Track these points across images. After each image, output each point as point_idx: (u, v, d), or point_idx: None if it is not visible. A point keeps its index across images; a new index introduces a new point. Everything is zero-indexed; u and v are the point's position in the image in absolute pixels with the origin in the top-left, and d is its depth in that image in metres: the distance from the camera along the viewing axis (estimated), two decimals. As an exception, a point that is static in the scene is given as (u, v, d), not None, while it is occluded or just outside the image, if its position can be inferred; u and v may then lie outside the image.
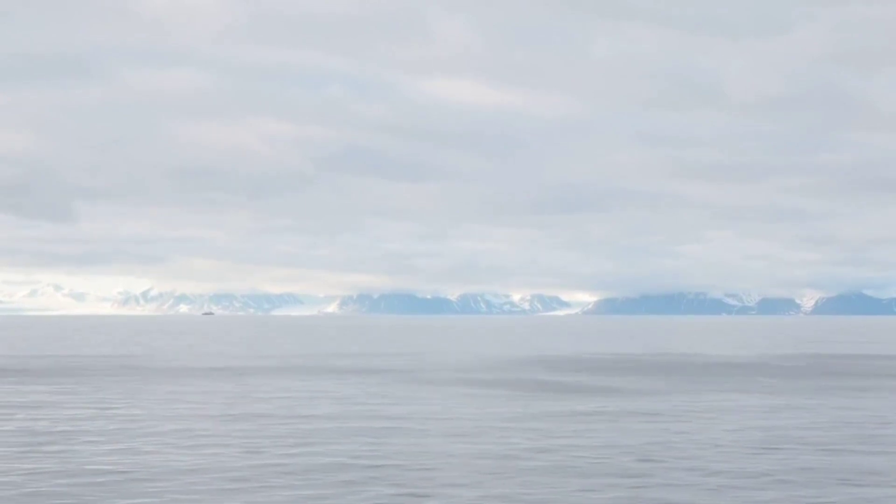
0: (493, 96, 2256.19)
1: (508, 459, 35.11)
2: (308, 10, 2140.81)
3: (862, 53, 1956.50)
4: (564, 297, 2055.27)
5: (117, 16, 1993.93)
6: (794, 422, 47.34)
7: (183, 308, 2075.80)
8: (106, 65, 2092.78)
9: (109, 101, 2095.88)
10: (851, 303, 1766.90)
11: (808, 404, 56.32)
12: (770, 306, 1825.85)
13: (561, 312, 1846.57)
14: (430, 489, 29.75)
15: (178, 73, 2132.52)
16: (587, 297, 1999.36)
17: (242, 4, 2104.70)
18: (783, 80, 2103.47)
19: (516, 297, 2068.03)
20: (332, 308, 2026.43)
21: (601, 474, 32.27)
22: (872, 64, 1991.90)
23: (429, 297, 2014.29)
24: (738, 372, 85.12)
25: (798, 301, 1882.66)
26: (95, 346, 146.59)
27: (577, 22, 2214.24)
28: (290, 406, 53.57)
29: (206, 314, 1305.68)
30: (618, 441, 40.13)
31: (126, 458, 34.98)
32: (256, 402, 55.51)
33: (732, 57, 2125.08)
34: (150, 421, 46.61)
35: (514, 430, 43.26)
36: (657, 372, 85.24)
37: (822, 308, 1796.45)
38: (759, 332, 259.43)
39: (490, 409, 52.78)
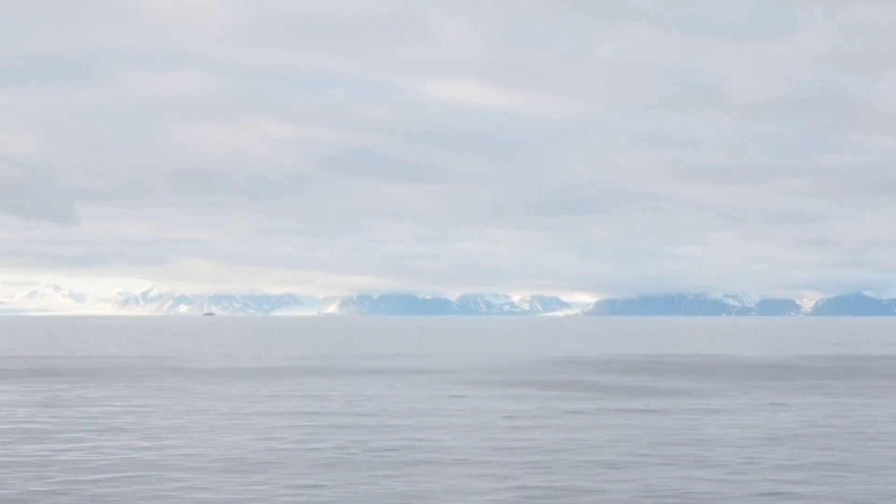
0: (494, 98, 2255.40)
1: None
2: (310, 12, 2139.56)
3: (865, 56, 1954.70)
4: (564, 298, 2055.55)
5: (119, 17, 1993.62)
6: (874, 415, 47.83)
7: (183, 309, 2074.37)
8: (107, 66, 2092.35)
9: (111, 102, 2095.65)
10: (851, 304, 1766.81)
11: (878, 403, 57.17)
12: (770, 307, 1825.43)
13: (560, 313, 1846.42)
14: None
15: (180, 75, 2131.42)
16: (587, 298, 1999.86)
17: (244, 6, 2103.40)
18: (786, 82, 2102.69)
19: (516, 298, 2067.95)
20: (331, 309, 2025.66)
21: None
22: (875, 66, 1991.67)
23: (429, 297, 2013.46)
24: (783, 373, 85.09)
25: (798, 302, 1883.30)
26: (119, 347, 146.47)
27: (579, 23, 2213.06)
28: (383, 404, 53.40)
29: (206, 315, 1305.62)
30: (751, 432, 42.88)
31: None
32: (344, 402, 55.39)
33: (735, 59, 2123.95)
34: (287, 416, 47.04)
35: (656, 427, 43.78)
36: (704, 373, 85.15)
37: (821, 309, 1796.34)
38: (770, 333, 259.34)
39: (599, 407, 52.86)
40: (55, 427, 44.21)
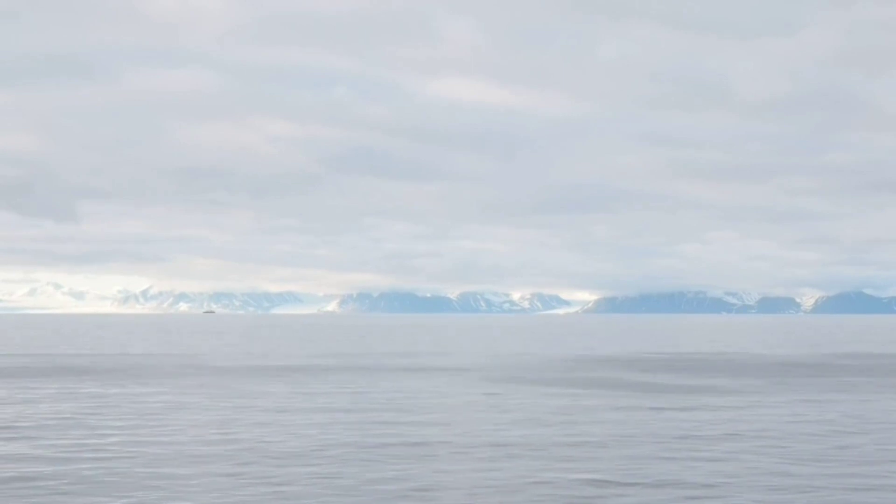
0: (498, 96, 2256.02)
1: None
2: (312, 10, 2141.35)
3: (868, 55, 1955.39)
4: (564, 295, 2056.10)
5: (122, 16, 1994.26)
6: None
7: (183, 307, 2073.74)
8: (110, 65, 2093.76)
9: (114, 100, 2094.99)
10: (851, 302, 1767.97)
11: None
12: (770, 305, 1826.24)
13: (560, 311, 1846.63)
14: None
15: (183, 73, 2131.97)
16: (587, 296, 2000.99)
17: (246, 5, 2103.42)
18: (789, 81, 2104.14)
19: (516, 296, 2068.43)
20: (331, 307, 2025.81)
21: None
22: (879, 65, 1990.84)
23: (429, 295, 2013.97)
24: (817, 371, 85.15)
25: (798, 300, 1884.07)
26: (137, 345, 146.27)
27: (581, 22, 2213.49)
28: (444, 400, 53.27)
29: (207, 313, 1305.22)
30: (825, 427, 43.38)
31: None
32: (397, 398, 55.24)
33: (739, 58, 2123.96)
34: (355, 412, 47.15)
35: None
36: (737, 371, 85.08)
37: (821, 307, 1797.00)
38: (779, 331, 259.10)
39: (660, 407, 52.79)
40: (164, 431, 43.99)
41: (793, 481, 31.07)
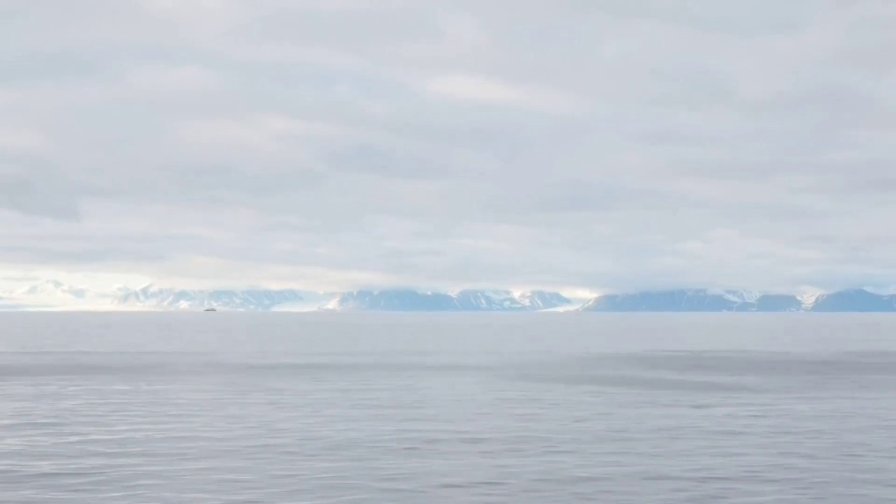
0: (500, 94, 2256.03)
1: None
2: (314, 8, 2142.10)
3: (872, 53, 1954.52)
4: (565, 293, 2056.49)
5: (125, 14, 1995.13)
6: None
7: (183, 305, 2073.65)
8: (113, 63, 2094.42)
9: (117, 99, 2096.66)
10: (851, 299, 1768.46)
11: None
12: (770, 303, 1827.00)
13: (561, 309, 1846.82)
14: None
15: (186, 72, 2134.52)
16: (587, 294, 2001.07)
17: (249, 3, 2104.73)
18: (792, 79, 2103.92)
19: (517, 294, 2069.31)
20: (332, 305, 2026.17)
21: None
22: (882, 63, 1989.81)
23: (429, 293, 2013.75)
24: (846, 369, 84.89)
25: (798, 298, 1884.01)
26: (153, 343, 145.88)
27: (584, 20, 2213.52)
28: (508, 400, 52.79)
29: (208, 311, 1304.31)
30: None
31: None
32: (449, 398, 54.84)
33: (742, 56, 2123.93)
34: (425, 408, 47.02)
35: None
36: (763, 369, 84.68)
37: (822, 305, 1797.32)
38: (788, 330, 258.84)
39: (698, 402, 52.51)
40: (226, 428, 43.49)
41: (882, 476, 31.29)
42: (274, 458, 33.68)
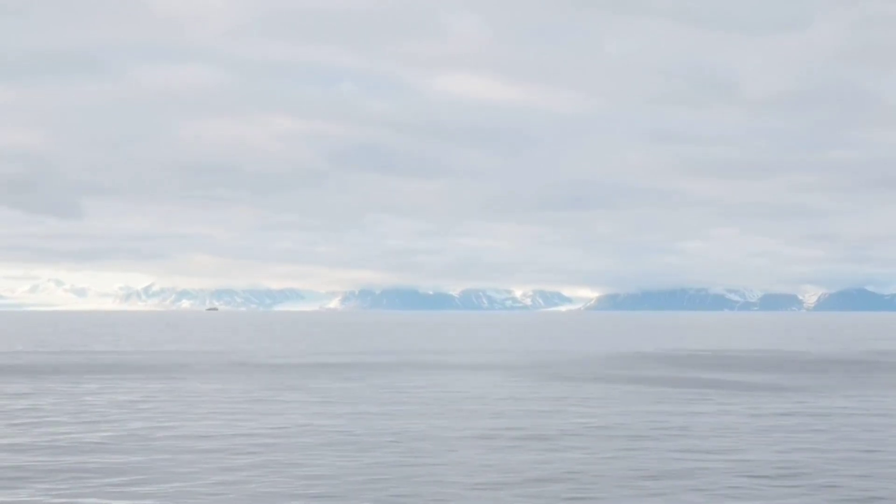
0: (504, 93, 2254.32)
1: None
2: (317, 6, 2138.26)
3: (876, 51, 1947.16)
4: (566, 292, 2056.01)
5: (129, 13, 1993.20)
6: None
7: (185, 304, 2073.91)
8: (117, 62, 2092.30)
9: (118, 97, 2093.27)
10: (853, 299, 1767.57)
11: None
12: (772, 302, 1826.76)
13: (563, 308, 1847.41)
14: None
15: (188, 70, 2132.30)
16: (589, 293, 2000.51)
17: (252, 1, 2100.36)
18: (796, 77, 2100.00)
19: (518, 293, 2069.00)
20: (333, 304, 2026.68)
21: None
22: (886, 61, 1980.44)
23: (430, 293, 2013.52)
24: (875, 368, 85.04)
25: (800, 297, 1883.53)
26: (168, 343, 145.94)
27: (589, 18, 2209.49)
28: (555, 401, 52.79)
29: (210, 310, 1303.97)
30: None
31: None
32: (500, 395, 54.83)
33: (746, 53, 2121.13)
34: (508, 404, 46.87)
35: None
36: (792, 368, 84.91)
37: (823, 304, 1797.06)
38: (796, 329, 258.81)
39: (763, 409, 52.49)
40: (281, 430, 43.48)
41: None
42: (366, 451, 34.46)
